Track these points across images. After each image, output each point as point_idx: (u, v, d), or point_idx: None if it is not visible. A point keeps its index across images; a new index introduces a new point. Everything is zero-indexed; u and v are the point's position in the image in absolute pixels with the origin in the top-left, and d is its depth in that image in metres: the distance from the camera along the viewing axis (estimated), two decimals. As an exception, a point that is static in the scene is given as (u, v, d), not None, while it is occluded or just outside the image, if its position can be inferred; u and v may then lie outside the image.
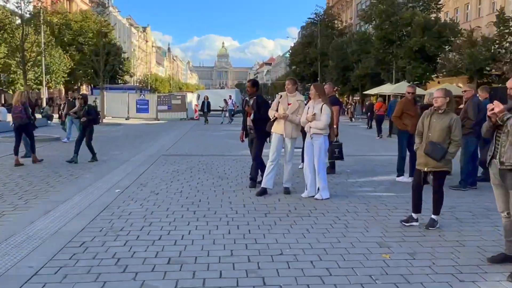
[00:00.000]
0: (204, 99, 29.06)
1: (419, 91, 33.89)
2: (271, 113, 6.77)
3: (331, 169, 8.62)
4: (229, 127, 22.77)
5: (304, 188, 6.72)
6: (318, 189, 6.42)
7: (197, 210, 5.73)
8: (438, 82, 37.69)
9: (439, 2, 35.96)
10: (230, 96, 33.67)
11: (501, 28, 26.31)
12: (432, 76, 35.01)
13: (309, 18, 64.72)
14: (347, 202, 6.25)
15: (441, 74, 33.94)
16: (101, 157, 10.84)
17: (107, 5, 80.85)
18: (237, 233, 4.78)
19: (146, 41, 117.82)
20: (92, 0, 68.79)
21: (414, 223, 5.06)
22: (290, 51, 73.20)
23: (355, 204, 6.13)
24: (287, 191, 6.82)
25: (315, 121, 6.19)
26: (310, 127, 6.26)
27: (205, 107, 27.95)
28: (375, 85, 41.71)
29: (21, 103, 9.59)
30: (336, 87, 52.92)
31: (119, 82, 57.86)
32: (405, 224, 5.03)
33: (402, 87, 32.55)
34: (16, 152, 9.47)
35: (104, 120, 30.08)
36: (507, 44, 26.62)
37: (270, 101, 8.83)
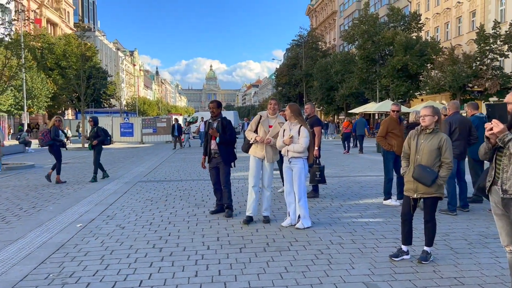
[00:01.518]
0: (174, 121, 25.89)
1: (403, 109, 34.09)
2: (250, 135, 6.29)
3: (314, 192, 8.12)
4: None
5: (286, 214, 6.18)
6: (299, 217, 5.88)
7: (164, 247, 5.13)
8: (422, 100, 37.92)
9: (420, 22, 36.44)
10: (203, 118, 31.55)
11: (482, 45, 26.52)
12: (416, 93, 35.17)
13: (294, 40, 65.52)
14: (330, 232, 5.71)
15: (424, 92, 34.10)
16: (72, 186, 10.22)
17: (92, 29, 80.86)
18: (205, 275, 4.18)
19: (134, 65, 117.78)
20: (77, 25, 68.65)
21: (405, 257, 4.53)
22: (276, 73, 73.51)
23: (340, 234, 5.59)
24: (266, 220, 6.27)
25: (293, 144, 5.70)
26: (287, 151, 5.76)
27: (175, 131, 24.83)
28: (360, 104, 41.86)
29: (50, 127, 11.02)
30: (320, 107, 53.26)
31: (105, 106, 57.22)
32: (395, 259, 4.49)
33: (386, 105, 32.65)
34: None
35: (86, 145, 29.42)
36: (488, 60, 26.81)
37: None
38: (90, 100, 30.13)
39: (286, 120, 6.09)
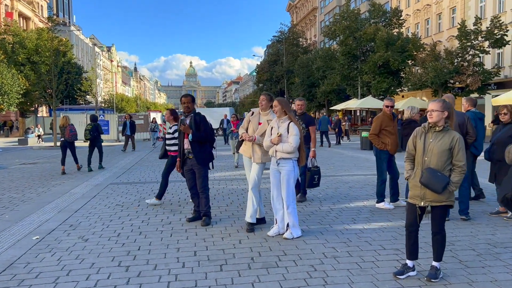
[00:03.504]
0: (125, 118, 21.87)
1: (380, 105, 33.93)
2: (240, 131, 5.72)
3: (303, 196, 7.49)
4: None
5: (272, 222, 5.54)
6: (288, 225, 5.24)
7: (132, 265, 4.40)
8: (402, 96, 37.85)
9: (401, 18, 36.26)
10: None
11: (463, 41, 26.39)
12: (397, 90, 35.02)
13: (274, 36, 64.83)
14: (323, 242, 5.08)
15: (405, 88, 33.98)
16: (36, 190, 9.34)
17: (67, 24, 78.39)
18: (178, 302, 3.49)
19: (111, 61, 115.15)
20: (50, 18, 66.27)
21: (411, 273, 3.93)
22: (257, 69, 72.79)
23: (333, 244, 4.97)
24: (250, 229, 5.61)
25: (281, 143, 5.04)
26: (276, 151, 5.09)
27: (128, 129, 20.48)
28: (341, 100, 41.56)
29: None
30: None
31: (80, 102, 55.40)
32: (400, 276, 3.89)
33: (368, 102, 32.44)
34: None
35: (58, 144, 28.17)
36: (470, 57, 26.73)
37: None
38: (63, 97, 28.81)
39: None
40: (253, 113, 5.76)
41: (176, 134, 6.90)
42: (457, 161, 3.70)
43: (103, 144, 13.30)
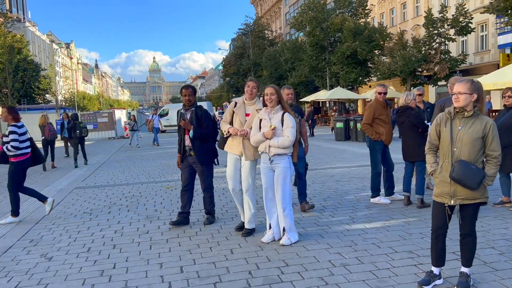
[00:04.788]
0: (63, 118, 15.68)
1: (353, 96, 34.00)
2: (224, 127, 5.01)
3: (307, 203, 6.78)
4: (164, 146, 20.42)
5: (266, 227, 4.92)
6: (283, 230, 4.63)
7: (106, 289, 3.67)
8: (370, 86, 38.04)
9: (366, 8, 36.29)
10: (156, 110, 28.61)
11: (430, 29, 26.56)
12: (365, 80, 35.13)
13: (240, 29, 64.00)
14: (325, 247, 4.50)
15: (374, 78, 34.11)
16: (-10, 199, 8.31)
17: (22, 20, 74.43)
18: None
19: (71, 58, 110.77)
20: (3, 15, 62.67)
21: (438, 282, 3.41)
22: (223, 63, 71.77)
23: (338, 249, 4.40)
24: (247, 233, 5.00)
25: (276, 137, 4.40)
26: (269, 147, 4.45)
27: (66, 131, 14.74)
28: (310, 92, 41.37)
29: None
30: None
31: (39, 101, 52.78)
32: (426, 287, 3.35)
33: (337, 93, 32.33)
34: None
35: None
36: (436, 45, 26.95)
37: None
38: (19, 96, 27.08)
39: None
40: (236, 103, 5.08)
41: (21, 137, 6.25)
42: (492, 151, 3.19)
43: (59, 144, 13.85)
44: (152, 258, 4.42)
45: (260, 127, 4.55)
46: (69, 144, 15.55)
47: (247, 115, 4.90)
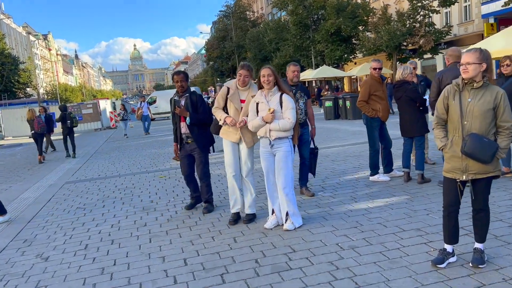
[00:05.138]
0: (40, 111, 15.97)
1: (339, 73, 33.85)
2: (219, 114, 4.83)
3: (307, 190, 6.62)
4: (154, 134, 20.10)
5: (266, 213, 4.80)
6: (287, 214, 4.50)
7: (110, 287, 3.52)
8: (355, 63, 37.90)
9: (349, -17, 35.87)
10: (144, 97, 27.32)
11: (414, 2, 26.38)
12: (350, 57, 34.97)
13: (221, 11, 63.00)
14: (331, 229, 4.40)
15: (360, 54, 33.96)
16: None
17: (-5, 13, 72.13)
18: None
19: (49, 49, 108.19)
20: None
21: (451, 260, 3.33)
22: (206, 47, 70.74)
23: (345, 231, 4.30)
24: (249, 219, 4.87)
25: (276, 120, 4.23)
26: (269, 131, 4.28)
27: (39, 125, 13.03)
28: (296, 72, 40.98)
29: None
30: (256, 79, 51.58)
31: (20, 96, 51.57)
32: (440, 265, 3.26)
33: (323, 71, 32.16)
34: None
35: (1, 142, 25.90)
36: (421, 17, 26.82)
37: None
38: (-1, 90, 26.34)
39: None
40: (228, 89, 4.86)
41: None
42: (504, 122, 3.07)
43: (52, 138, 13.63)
44: (153, 251, 4.27)
45: (257, 111, 4.37)
46: (45, 139, 14.41)
47: (242, 101, 4.71)
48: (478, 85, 3.08)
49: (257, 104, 4.43)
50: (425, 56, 27.75)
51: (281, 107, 4.25)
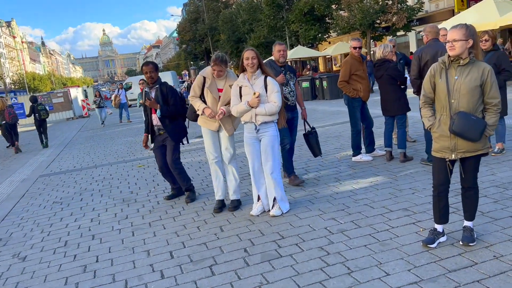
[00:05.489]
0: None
1: (313, 53, 33.74)
2: (197, 103, 4.66)
3: (296, 177, 6.32)
4: (132, 122, 19.65)
5: (251, 199, 4.71)
6: (274, 200, 4.42)
7: (94, 286, 3.37)
8: (329, 43, 37.87)
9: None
10: (121, 84, 26.24)
11: (386, -21, 26.37)
12: (324, 36, 34.89)
13: (191, -8, 61.67)
14: (318, 213, 4.34)
15: (334, 33, 33.89)
16: None
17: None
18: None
19: (14, 37, 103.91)
20: None
21: (442, 239, 3.32)
22: (178, 30, 69.37)
23: (332, 215, 4.25)
24: (235, 206, 4.77)
25: (262, 104, 4.10)
26: (255, 115, 4.15)
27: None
28: (270, 54, 40.68)
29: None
30: (231, 61, 51.19)
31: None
32: (431, 246, 3.25)
33: (298, 52, 31.97)
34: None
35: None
36: (393, -6, 26.86)
37: None
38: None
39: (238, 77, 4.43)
40: (204, 79, 4.66)
41: None
42: (491, 98, 3.03)
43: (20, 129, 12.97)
44: (137, 245, 4.13)
45: (240, 95, 4.22)
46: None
47: (219, 90, 4.55)
48: (465, 62, 3.02)
49: (240, 88, 4.28)
50: (398, 34, 27.90)
51: (266, 90, 4.12)
